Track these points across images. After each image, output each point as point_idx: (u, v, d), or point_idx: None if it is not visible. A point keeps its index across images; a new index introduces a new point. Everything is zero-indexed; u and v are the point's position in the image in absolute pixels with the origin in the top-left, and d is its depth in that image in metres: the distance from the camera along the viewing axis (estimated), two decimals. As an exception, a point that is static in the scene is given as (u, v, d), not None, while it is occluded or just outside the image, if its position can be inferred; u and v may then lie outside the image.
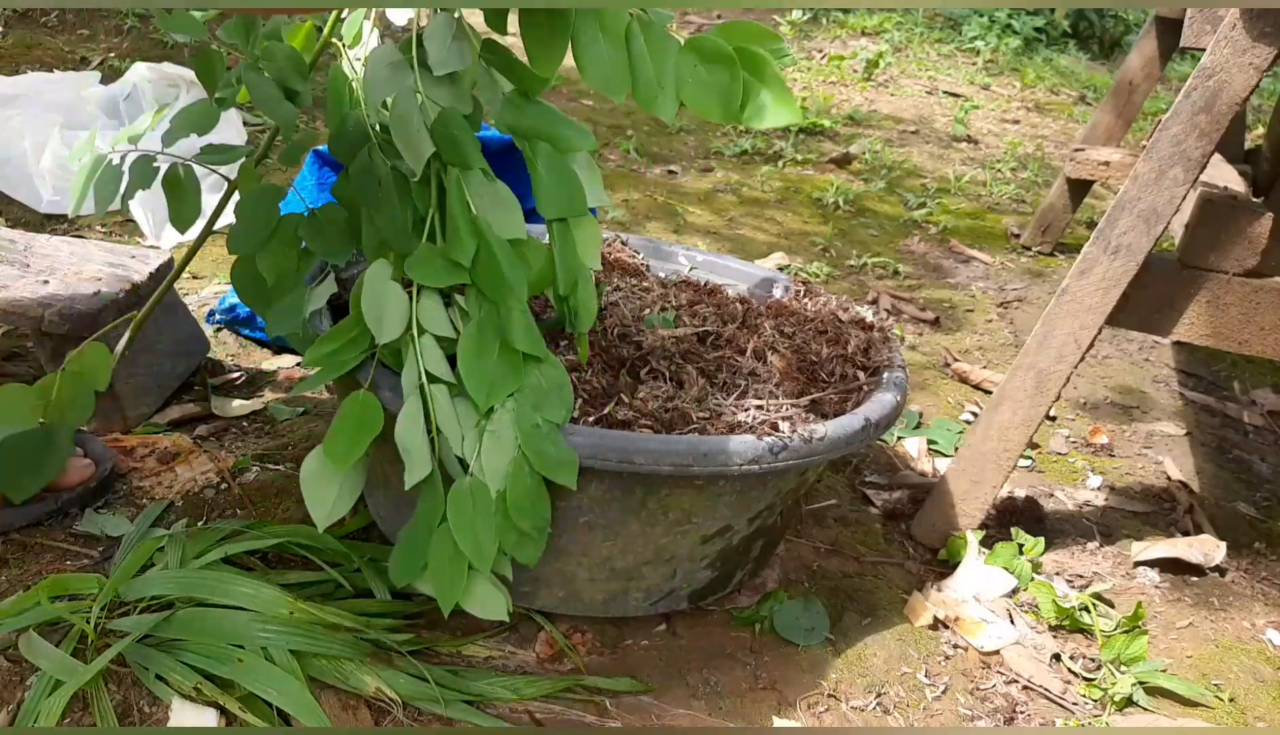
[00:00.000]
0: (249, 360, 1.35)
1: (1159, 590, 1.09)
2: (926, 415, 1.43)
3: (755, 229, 2.17)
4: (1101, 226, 0.97)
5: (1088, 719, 0.89)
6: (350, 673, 0.79)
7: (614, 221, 2.07)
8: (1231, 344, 1.02)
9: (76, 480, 0.98)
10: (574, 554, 0.84)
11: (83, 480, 0.99)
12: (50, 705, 0.72)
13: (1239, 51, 0.89)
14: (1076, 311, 0.99)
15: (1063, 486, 1.29)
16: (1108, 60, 4.96)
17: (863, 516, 1.15)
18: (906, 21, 4.79)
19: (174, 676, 0.76)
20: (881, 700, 0.88)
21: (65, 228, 1.69)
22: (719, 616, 0.96)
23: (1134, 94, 2.12)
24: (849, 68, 3.94)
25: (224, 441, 1.15)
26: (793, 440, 0.79)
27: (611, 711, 0.83)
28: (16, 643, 0.78)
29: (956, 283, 2.03)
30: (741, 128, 2.91)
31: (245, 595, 0.82)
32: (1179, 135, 0.93)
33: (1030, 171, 2.90)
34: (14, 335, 1.24)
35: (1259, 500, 1.31)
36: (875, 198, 2.49)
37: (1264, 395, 1.63)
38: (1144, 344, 1.82)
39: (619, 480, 0.78)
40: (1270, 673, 0.98)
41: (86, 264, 1.16)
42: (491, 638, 0.88)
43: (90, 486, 0.99)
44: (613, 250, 1.20)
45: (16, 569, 0.90)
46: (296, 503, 1.02)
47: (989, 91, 3.95)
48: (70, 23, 2.70)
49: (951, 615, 0.99)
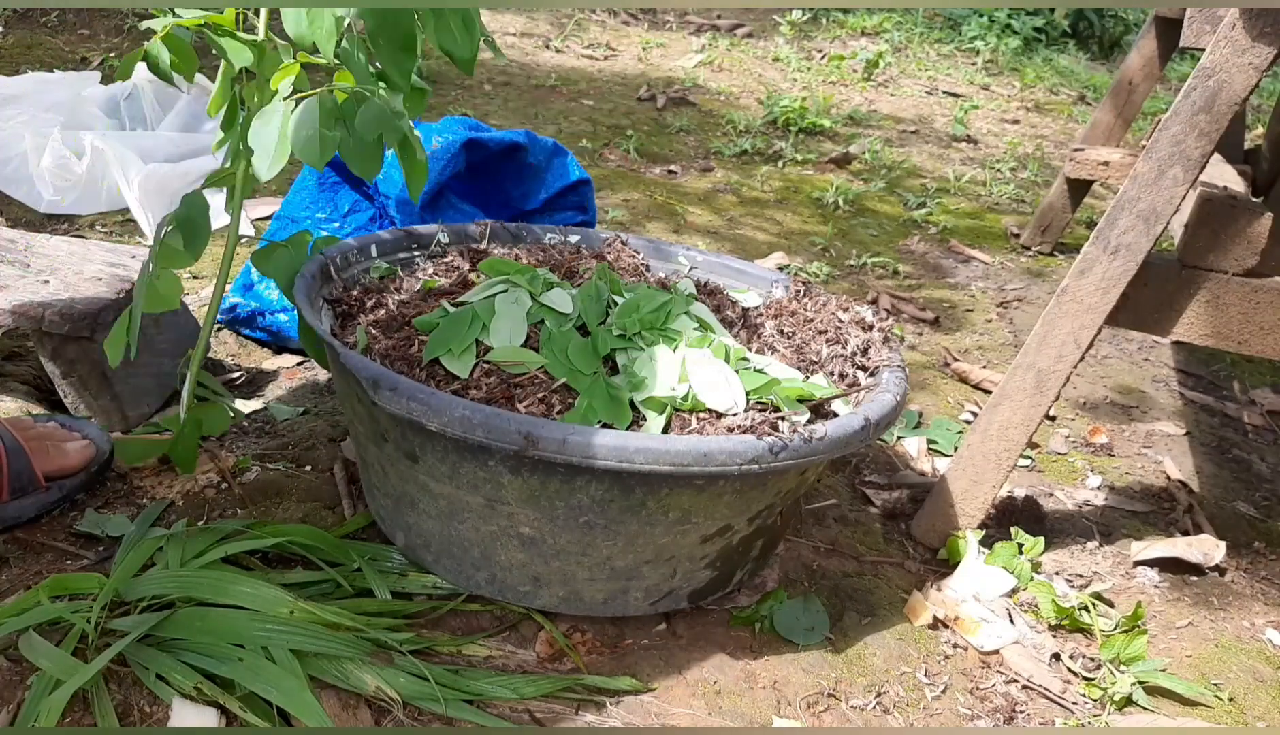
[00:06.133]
0: (249, 360, 1.35)
1: (1159, 590, 1.09)
2: (926, 415, 1.43)
3: (755, 229, 2.17)
4: (1101, 226, 0.98)
5: (1087, 718, 0.90)
6: (350, 672, 0.79)
7: (614, 221, 2.07)
8: (1231, 344, 1.02)
9: (78, 463, 0.98)
10: (574, 554, 0.84)
11: (85, 463, 0.98)
12: (50, 705, 0.72)
13: (1239, 51, 0.89)
14: (1076, 311, 0.99)
15: (1062, 486, 1.29)
16: (1107, 60, 4.96)
17: (862, 516, 1.15)
18: (906, 21, 4.79)
19: (174, 676, 0.76)
20: (881, 700, 0.88)
21: (65, 228, 1.69)
22: (719, 616, 0.96)
23: (1134, 94, 2.12)
24: (849, 68, 3.94)
25: (224, 441, 1.15)
26: (793, 440, 0.79)
27: (611, 711, 0.83)
28: (17, 643, 0.78)
29: (956, 282, 2.03)
30: (741, 127, 2.91)
31: (245, 595, 0.82)
32: (1179, 135, 0.93)
33: (1030, 171, 2.90)
34: (14, 335, 1.24)
35: (1259, 500, 1.31)
36: (875, 198, 2.49)
37: (1264, 395, 1.63)
38: (1144, 344, 1.82)
39: (619, 480, 0.78)
40: (1270, 672, 0.98)
41: (87, 264, 1.16)
42: (491, 637, 0.89)
43: (92, 471, 0.99)
44: (613, 250, 1.20)
45: (17, 569, 0.90)
46: (296, 502, 1.02)
47: (989, 91, 3.95)
48: (70, 23, 2.70)
49: (951, 615, 0.99)
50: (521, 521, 0.83)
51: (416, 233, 1.15)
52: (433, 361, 0.89)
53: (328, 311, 1.00)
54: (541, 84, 3.10)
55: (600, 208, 2.12)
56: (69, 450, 0.98)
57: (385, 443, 0.86)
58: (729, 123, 2.98)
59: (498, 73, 3.15)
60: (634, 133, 2.74)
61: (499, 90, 2.97)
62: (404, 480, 0.87)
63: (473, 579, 0.89)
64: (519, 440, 0.75)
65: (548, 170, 1.40)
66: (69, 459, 0.97)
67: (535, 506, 0.81)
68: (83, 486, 0.98)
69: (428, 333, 0.93)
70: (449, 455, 0.81)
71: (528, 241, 1.22)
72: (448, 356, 0.89)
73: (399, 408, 0.77)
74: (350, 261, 1.07)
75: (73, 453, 0.98)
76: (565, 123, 2.75)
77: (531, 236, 1.23)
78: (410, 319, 0.97)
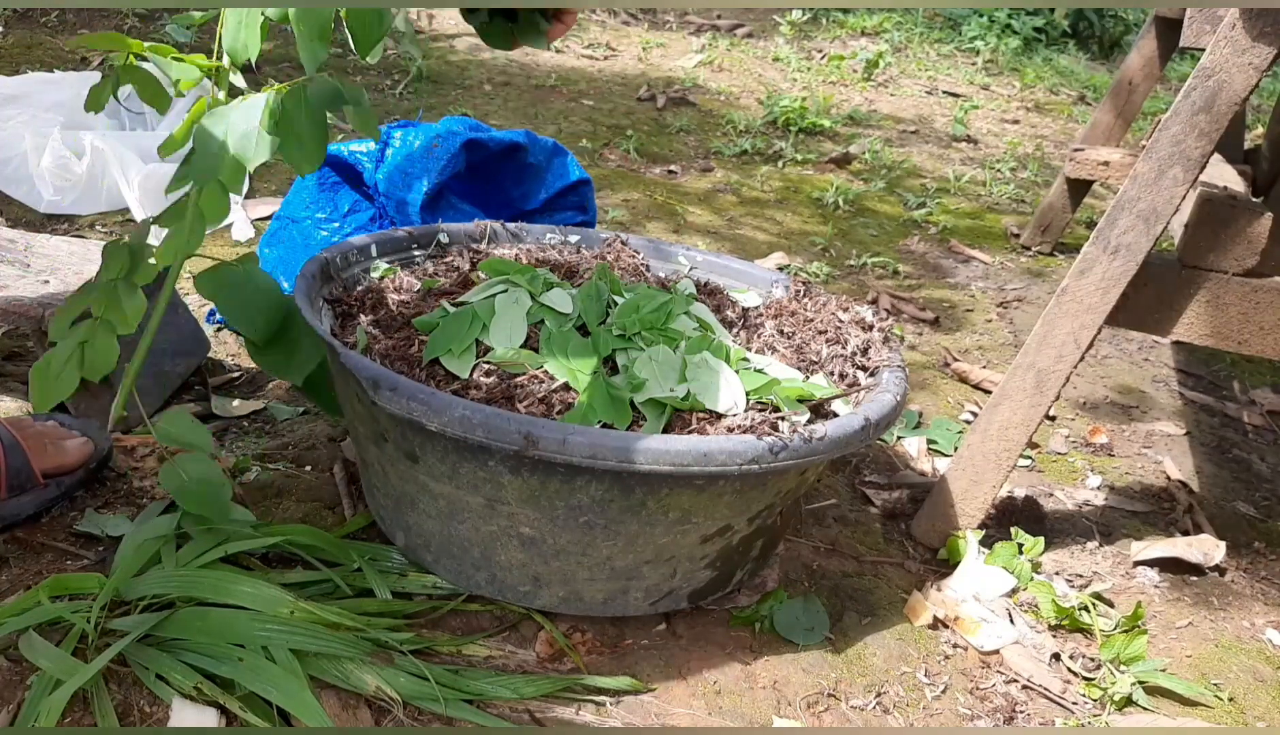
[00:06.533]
0: (249, 360, 1.35)
1: (1158, 590, 1.09)
2: (926, 415, 1.43)
3: (755, 229, 2.17)
4: (1101, 226, 0.98)
5: (1087, 718, 0.89)
6: (350, 672, 0.79)
7: (614, 221, 2.07)
8: (1231, 344, 1.02)
9: (77, 460, 0.98)
10: (574, 554, 0.84)
11: (83, 460, 0.98)
12: (50, 705, 0.72)
13: (1239, 51, 0.89)
14: (1076, 311, 0.99)
15: (1062, 486, 1.29)
16: (1107, 60, 4.96)
17: (862, 516, 1.15)
18: (906, 21, 4.79)
19: (174, 676, 0.76)
20: (881, 700, 0.88)
21: (65, 228, 1.69)
22: (719, 616, 0.96)
23: (1134, 94, 2.12)
24: (849, 68, 3.94)
25: (224, 441, 1.15)
26: (793, 440, 0.79)
27: (611, 711, 0.83)
28: (17, 643, 0.78)
29: (956, 282, 2.03)
30: (741, 127, 2.91)
31: (245, 595, 0.82)
32: (1179, 135, 0.93)
33: (1030, 171, 2.90)
34: (14, 335, 1.24)
35: (1259, 500, 1.31)
36: (875, 198, 2.49)
37: (1264, 395, 1.63)
38: (1144, 344, 1.82)
39: (619, 480, 0.78)
40: (1270, 672, 0.98)
41: (87, 264, 1.16)
42: (491, 637, 0.89)
43: (90, 468, 0.99)
44: (613, 250, 1.20)
45: (17, 568, 0.90)
46: (296, 502, 1.02)
47: (989, 91, 3.95)
48: (70, 23, 2.70)
49: (951, 615, 0.99)
50: (521, 521, 0.83)
51: (416, 233, 1.15)
52: (433, 361, 0.89)
53: (328, 311, 1.00)
54: (541, 84, 3.10)
55: (600, 208, 2.12)
56: (67, 448, 0.98)
57: (385, 443, 0.86)
58: (729, 123, 2.98)
59: (498, 73, 3.15)
60: (634, 132, 2.74)
61: (499, 90, 2.97)
62: (404, 480, 0.87)
63: (473, 579, 0.89)
64: (519, 440, 0.75)
65: (548, 170, 1.40)
66: (67, 457, 0.97)
67: (535, 506, 0.81)
68: (81, 484, 0.98)
69: (428, 333, 0.93)
70: (449, 455, 0.81)
71: (528, 241, 1.22)
72: (448, 356, 0.89)
73: (399, 408, 0.77)
74: (350, 261, 1.07)
75: (71, 450, 0.98)
76: (565, 123, 2.75)
77: (531, 236, 1.23)
78: (410, 319, 0.97)
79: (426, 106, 2.67)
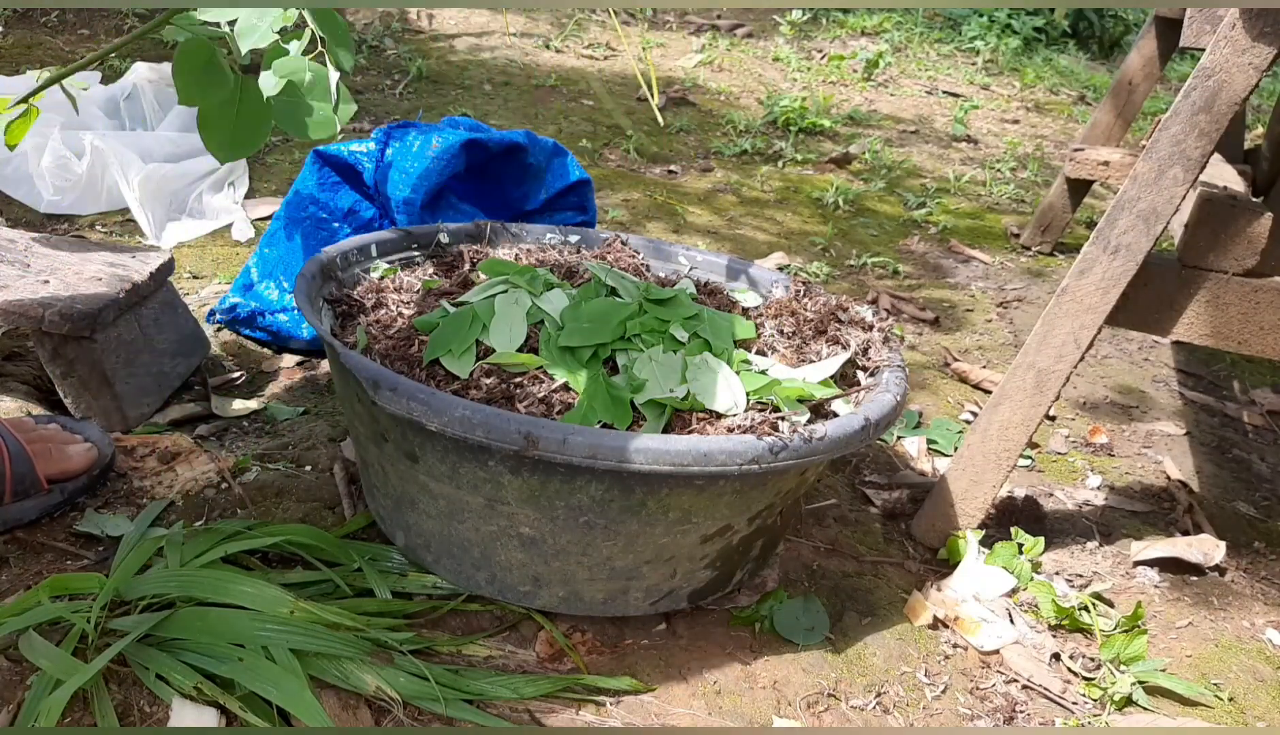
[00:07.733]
0: (249, 360, 1.35)
1: (1158, 590, 1.09)
2: (926, 415, 1.43)
3: (755, 229, 2.17)
4: (1101, 226, 0.98)
5: (1087, 718, 0.90)
6: (350, 672, 0.79)
7: (614, 221, 2.07)
8: (1231, 344, 1.02)
9: (81, 466, 0.98)
10: (574, 554, 0.84)
11: (87, 466, 0.98)
12: (50, 705, 0.72)
13: (1239, 51, 0.89)
14: (1076, 311, 0.99)
15: (1062, 486, 1.29)
16: (1107, 60, 4.96)
17: (862, 516, 1.15)
18: (906, 21, 4.79)
19: (174, 676, 0.76)
20: (881, 700, 0.88)
21: (65, 228, 1.69)
22: (719, 616, 0.96)
23: (1134, 94, 2.12)
24: (849, 68, 3.94)
25: (224, 441, 1.15)
26: (793, 440, 0.79)
27: (611, 711, 0.83)
28: (17, 643, 0.78)
29: (956, 282, 2.03)
30: (741, 127, 2.91)
31: (245, 595, 0.82)
32: (1179, 135, 0.93)
33: (1030, 171, 2.90)
34: (14, 335, 1.24)
35: (1259, 500, 1.31)
36: (875, 198, 2.49)
37: (1264, 395, 1.63)
38: (1144, 344, 1.82)
39: (619, 480, 0.78)
40: (1270, 672, 0.98)
41: (86, 264, 1.16)
42: (491, 637, 0.89)
43: (94, 474, 0.99)
44: (613, 250, 1.20)
45: (17, 569, 0.90)
46: (297, 502, 1.02)
47: (989, 91, 3.95)
48: (70, 23, 2.70)
49: (951, 615, 0.99)
50: (521, 521, 0.83)
51: (416, 233, 1.15)
52: (433, 362, 0.89)
53: (328, 311, 1.00)
54: (541, 84, 3.10)
55: (600, 208, 2.12)
56: (71, 453, 0.98)
57: (385, 443, 0.86)
58: (729, 123, 2.98)
59: (498, 73, 3.15)
60: (634, 133, 2.74)
61: (499, 90, 2.97)
62: (404, 480, 0.87)
63: (473, 579, 0.89)
64: (519, 440, 0.75)
65: (548, 170, 1.40)
66: (71, 462, 0.97)
67: (535, 506, 0.81)
68: (84, 489, 0.98)
69: (428, 333, 0.93)
70: (449, 455, 0.81)
71: (528, 241, 1.22)
72: (448, 357, 0.89)
73: (399, 408, 0.77)
74: (350, 261, 1.07)
75: (75, 456, 0.98)
76: (565, 123, 2.75)
77: (531, 236, 1.23)
78: (410, 319, 0.97)
79: (426, 106, 2.67)
